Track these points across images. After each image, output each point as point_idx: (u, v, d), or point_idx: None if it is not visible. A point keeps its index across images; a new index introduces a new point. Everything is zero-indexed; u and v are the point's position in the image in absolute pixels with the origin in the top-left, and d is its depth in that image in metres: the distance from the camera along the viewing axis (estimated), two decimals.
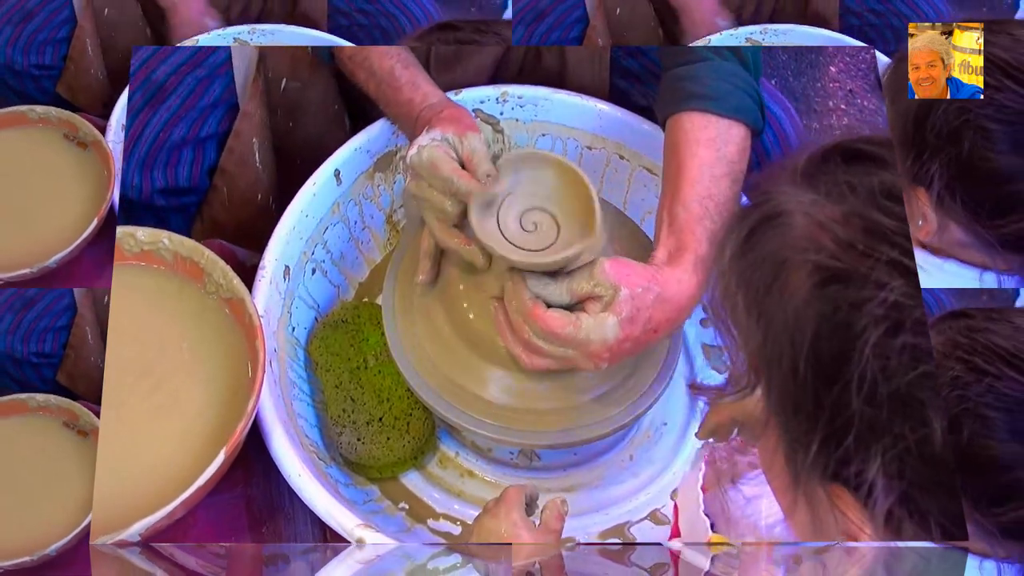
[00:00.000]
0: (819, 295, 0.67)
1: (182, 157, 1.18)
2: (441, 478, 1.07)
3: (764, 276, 0.69)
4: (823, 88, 1.76)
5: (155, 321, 0.99)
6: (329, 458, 1.05)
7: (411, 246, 1.08)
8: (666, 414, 1.13)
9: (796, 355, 0.67)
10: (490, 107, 1.21)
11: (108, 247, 1.02)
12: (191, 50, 1.17)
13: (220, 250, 1.04)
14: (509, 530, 0.90)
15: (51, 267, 1.03)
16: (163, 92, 1.17)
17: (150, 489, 0.90)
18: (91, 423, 0.97)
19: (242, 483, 0.99)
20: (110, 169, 1.08)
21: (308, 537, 0.99)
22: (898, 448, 0.66)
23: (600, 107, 1.21)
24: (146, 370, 0.97)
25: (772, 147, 1.24)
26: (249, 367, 0.95)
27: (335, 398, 1.06)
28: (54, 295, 1.05)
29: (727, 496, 0.88)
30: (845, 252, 0.67)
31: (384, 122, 1.18)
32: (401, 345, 1.03)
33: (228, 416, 0.94)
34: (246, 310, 0.97)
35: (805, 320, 0.67)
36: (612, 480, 1.09)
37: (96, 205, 1.07)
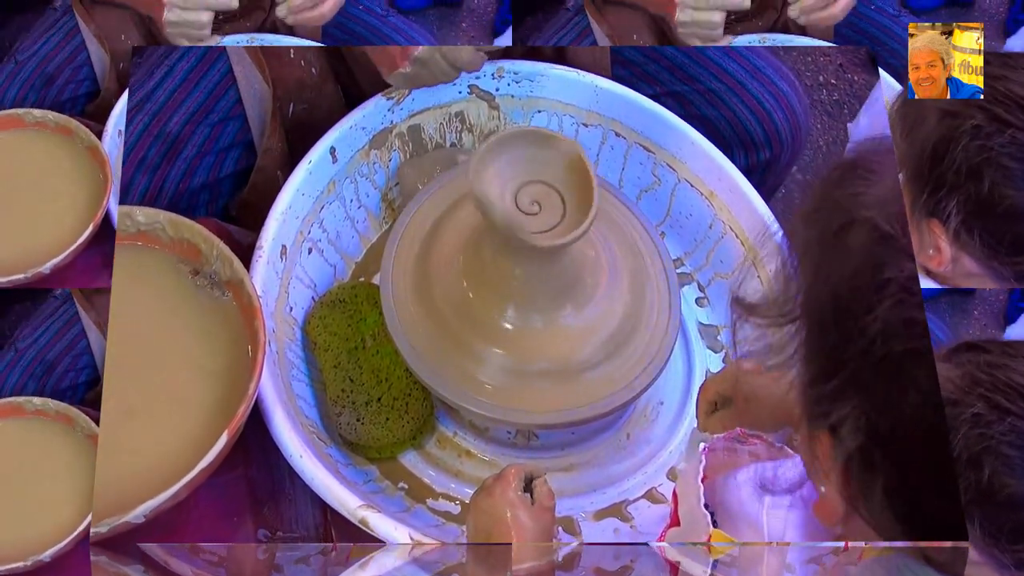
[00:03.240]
0: (870, 252, 0.71)
1: (199, 201, 1.19)
2: (439, 458, 1.07)
3: (835, 219, 0.73)
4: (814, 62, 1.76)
5: (154, 302, 0.98)
6: (328, 439, 1.05)
7: (408, 225, 1.08)
8: (663, 394, 1.13)
9: (837, 302, 0.71)
10: (486, 83, 1.21)
11: (103, 251, 1.01)
12: (191, 50, 1.16)
13: (216, 229, 1.03)
14: (505, 508, 0.90)
15: (44, 272, 1.01)
16: (178, 142, 1.17)
17: (151, 473, 0.90)
18: (89, 428, 0.95)
19: (242, 464, 0.99)
20: (106, 174, 1.06)
21: (309, 519, 0.99)
22: (874, 404, 0.70)
23: (597, 83, 1.20)
24: (146, 352, 0.96)
25: (781, 123, 1.25)
26: (249, 348, 0.95)
27: (334, 378, 1.06)
28: (73, 355, 1.02)
29: (727, 488, 0.88)
30: (899, 221, 0.71)
31: (379, 99, 1.17)
32: (399, 325, 1.03)
33: (228, 398, 0.93)
34: (245, 291, 0.96)
35: (860, 274, 0.71)
36: (609, 459, 1.09)
37: (92, 210, 1.04)
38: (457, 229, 1.05)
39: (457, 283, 1.02)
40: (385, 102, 1.17)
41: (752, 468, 0.87)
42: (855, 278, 0.70)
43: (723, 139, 1.25)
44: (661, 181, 1.22)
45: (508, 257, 0.99)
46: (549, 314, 1.01)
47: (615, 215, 1.09)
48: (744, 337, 0.88)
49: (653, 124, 1.20)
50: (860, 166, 0.76)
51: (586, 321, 1.02)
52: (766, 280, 1.04)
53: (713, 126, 1.25)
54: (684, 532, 0.89)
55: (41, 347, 1.02)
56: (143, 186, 1.13)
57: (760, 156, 1.27)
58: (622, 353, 1.02)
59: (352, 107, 1.18)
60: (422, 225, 1.08)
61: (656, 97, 1.20)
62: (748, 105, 1.25)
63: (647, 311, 1.05)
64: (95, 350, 1.02)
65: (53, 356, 1.02)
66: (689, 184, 1.20)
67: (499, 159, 0.97)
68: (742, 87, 1.25)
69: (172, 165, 1.16)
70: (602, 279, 1.03)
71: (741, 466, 0.88)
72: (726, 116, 1.17)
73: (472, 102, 1.22)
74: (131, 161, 1.12)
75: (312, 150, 1.12)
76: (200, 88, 1.17)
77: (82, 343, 1.03)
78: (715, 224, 1.18)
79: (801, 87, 1.29)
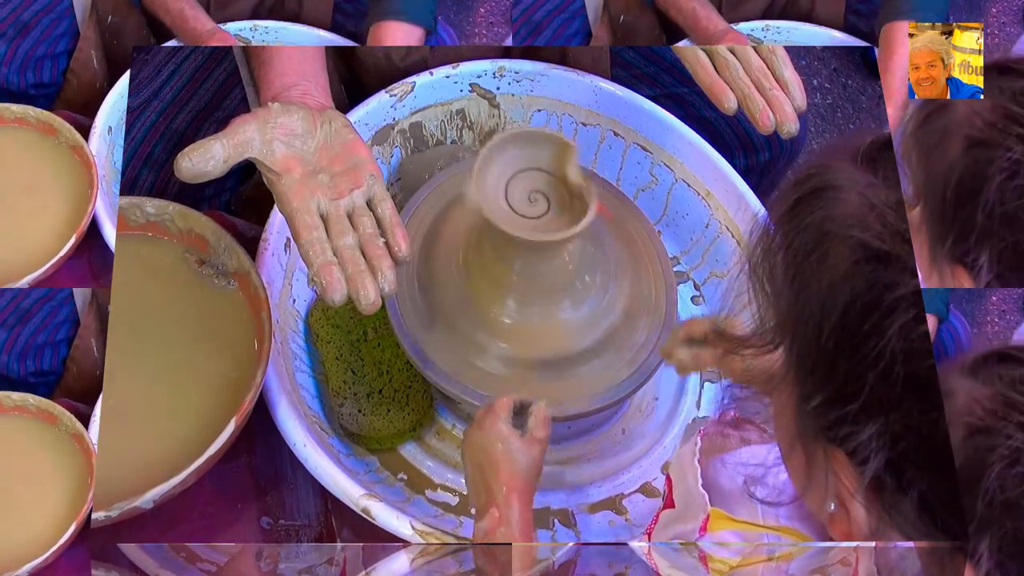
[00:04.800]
0: (857, 271, 0.67)
1: (203, 195, 1.18)
2: (439, 449, 1.09)
3: (807, 242, 0.70)
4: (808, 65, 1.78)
5: (160, 291, 0.99)
6: (330, 429, 1.06)
7: (409, 220, 1.09)
8: (658, 389, 1.15)
9: (823, 321, 0.68)
10: (486, 82, 1.22)
11: (90, 260, 0.98)
12: (190, 50, 1.17)
13: (221, 221, 1.04)
14: (496, 441, 0.90)
15: (22, 287, 0.95)
16: (184, 139, 1.15)
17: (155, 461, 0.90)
18: (73, 426, 0.90)
19: (245, 453, 1.00)
20: (92, 177, 1.00)
21: (311, 508, 1.00)
22: (901, 424, 0.66)
23: (596, 83, 1.22)
24: (151, 342, 0.97)
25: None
26: (255, 339, 0.96)
27: (336, 370, 1.08)
28: (52, 305, 0.98)
29: (721, 468, 0.89)
30: (891, 237, 0.67)
31: (381, 95, 1.19)
32: (400, 318, 1.04)
33: (234, 387, 0.94)
34: (252, 283, 0.98)
35: (839, 291, 0.67)
36: (605, 453, 1.11)
37: (76, 217, 0.98)
38: (458, 225, 1.07)
39: (457, 277, 1.04)
40: (388, 99, 1.19)
41: (744, 456, 0.87)
42: (855, 300, 0.67)
43: (723, 141, 1.27)
44: (658, 180, 1.24)
45: (507, 253, 1.00)
46: (547, 308, 1.03)
47: (613, 212, 1.11)
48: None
49: (651, 124, 1.22)
50: (825, 186, 0.71)
51: (584, 316, 1.03)
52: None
53: (713, 127, 1.27)
54: (680, 513, 0.89)
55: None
56: (149, 182, 1.14)
57: (760, 157, 1.29)
58: (619, 348, 1.04)
59: (355, 105, 1.19)
60: (423, 220, 1.09)
61: (656, 99, 1.22)
62: None
63: (644, 307, 1.07)
64: (100, 360, 0.99)
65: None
66: (686, 183, 1.21)
67: (499, 159, 0.99)
68: None
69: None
70: (600, 275, 1.05)
71: (732, 450, 0.88)
72: (726, 118, 1.18)
73: (473, 100, 1.23)
74: (138, 156, 1.13)
75: None
76: (206, 87, 1.18)
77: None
78: (711, 223, 1.20)
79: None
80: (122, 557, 0.86)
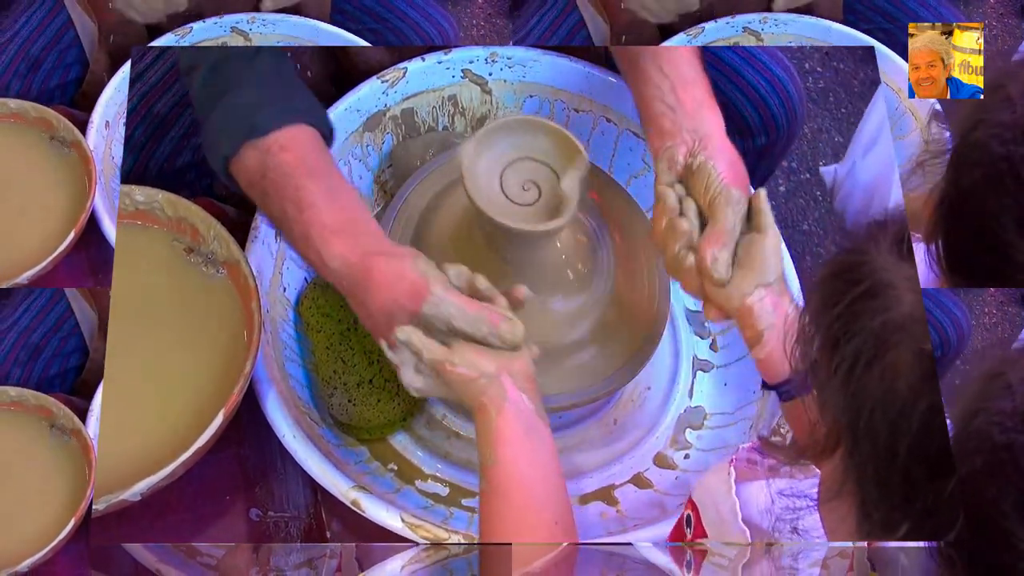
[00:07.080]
0: (931, 386, 0.64)
1: (185, 180, 1.16)
2: (428, 439, 1.08)
3: (867, 348, 0.66)
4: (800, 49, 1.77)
5: (151, 281, 0.98)
6: (321, 419, 1.06)
7: (400, 207, 1.08)
8: (650, 379, 1.15)
9: (896, 437, 0.65)
10: (479, 68, 1.21)
11: (89, 255, 0.98)
12: (191, 50, 1.16)
13: (211, 208, 1.03)
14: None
15: (21, 283, 0.95)
16: (166, 123, 1.14)
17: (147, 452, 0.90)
18: (71, 422, 0.89)
19: (235, 444, 1.00)
20: (90, 172, 1.00)
21: (300, 499, 0.99)
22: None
23: (589, 69, 1.21)
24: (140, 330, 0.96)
25: (777, 109, 1.25)
26: (245, 328, 0.95)
27: (326, 359, 1.07)
28: (60, 336, 0.98)
29: (750, 500, 0.86)
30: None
31: (373, 81, 1.17)
32: None
33: (223, 377, 0.94)
34: (241, 272, 0.97)
35: (912, 407, 0.65)
36: (597, 444, 1.10)
37: (74, 212, 0.97)
38: (449, 212, 1.06)
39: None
40: (379, 85, 1.18)
41: (773, 481, 0.84)
42: (925, 416, 0.64)
43: None
44: (651, 167, 1.23)
45: (498, 242, 1.00)
46: (539, 298, 1.02)
47: (607, 201, 1.10)
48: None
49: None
50: (877, 287, 0.67)
51: (576, 305, 1.03)
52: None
53: None
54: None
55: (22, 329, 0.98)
56: (127, 165, 1.13)
57: (756, 142, 1.28)
58: (611, 338, 1.04)
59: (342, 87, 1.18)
60: (415, 207, 1.08)
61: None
62: (743, 92, 1.26)
63: (637, 297, 1.06)
64: (84, 328, 1.00)
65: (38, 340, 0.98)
66: None
67: (490, 147, 0.98)
68: (737, 74, 1.26)
69: (159, 145, 1.16)
70: (592, 264, 1.04)
71: (760, 479, 0.86)
72: (721, 102, 1.18)
73: (465, 86, 1.22)
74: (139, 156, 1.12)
75: None
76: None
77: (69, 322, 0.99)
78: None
79: (797, 73, 1.29)
80: (124, 556, 0.87)
